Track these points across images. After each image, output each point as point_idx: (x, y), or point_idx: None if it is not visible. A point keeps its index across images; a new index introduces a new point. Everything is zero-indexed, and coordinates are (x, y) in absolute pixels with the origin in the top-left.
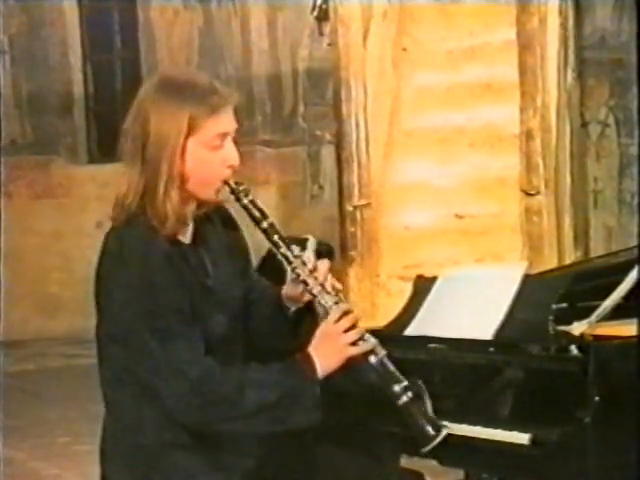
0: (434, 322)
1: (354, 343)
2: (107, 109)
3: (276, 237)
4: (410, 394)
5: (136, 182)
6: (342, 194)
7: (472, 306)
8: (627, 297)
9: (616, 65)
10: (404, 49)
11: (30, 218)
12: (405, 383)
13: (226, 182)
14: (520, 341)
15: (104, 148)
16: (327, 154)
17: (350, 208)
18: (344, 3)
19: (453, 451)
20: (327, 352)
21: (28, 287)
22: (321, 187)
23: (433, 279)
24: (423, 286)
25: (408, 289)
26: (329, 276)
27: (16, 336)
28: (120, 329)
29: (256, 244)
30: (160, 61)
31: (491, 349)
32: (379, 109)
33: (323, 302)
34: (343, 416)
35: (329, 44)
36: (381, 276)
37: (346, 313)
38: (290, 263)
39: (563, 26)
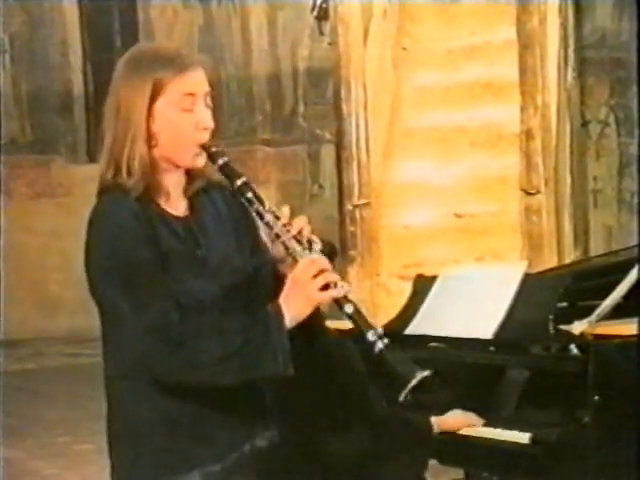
0: (434, 321)
1: (325, 290)
2: None
3: (250, 194)
4: (385, 341)
5: (109, 152)
6: (342, 193)
7: (472, 305)
8: (627, 296)
9: (616, 64)
10: (404, 48)
11: (30, 217)
12: (380, 330)
13: (203, 146)
14: (520, 340)
15: None
16: (327, 153)
17: (350, 207)
18: (344, 2)
19: (453, 450)
20: (296, 299)
21: (28, 286)
22: (321, 186)
23: (433, 278)
24: (423, 285)
25: (408, 288)
26: (306, 229)
27: (16, 335)
28: (94, 291)
29: None
30: None
31: (491, 348)
32: (379, 108)
33: (294, 252)
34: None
35: (329, 43)
36: (381, 275)
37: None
38: (262, 218)
39: (563, 25)
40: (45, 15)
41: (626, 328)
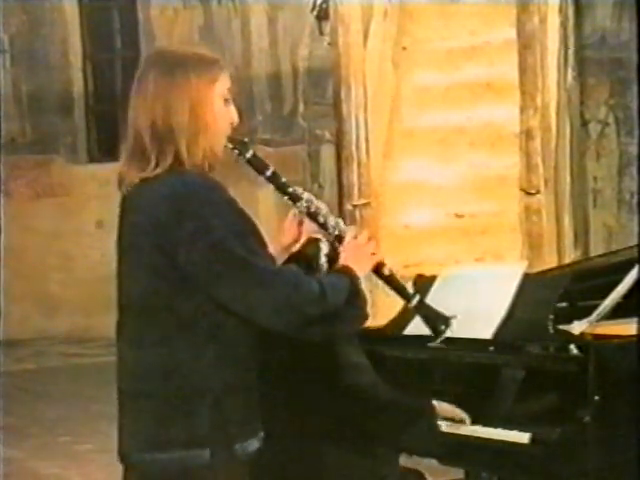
0: None
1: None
2: (107, 108)
3: (282, 180)
4: (418, 296)
5: (171, 141)
6: (342, 193)
7: (472, 305)
8: (627, 296)
9: (616, 64)
10: (404, 48)
11: (30, 217)
12: (412, 288)
13: (231, 138)
14: (520, 340)
15: (104, 147)
16: (327, 153)
17: (350, 207)
18: (344, 2)
19: (453, 450)
20: (359, 260)
21: (28, 286)
22: (321, 186)
23: (433, 278)
24: (423, 285)
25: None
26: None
27: (16, 335)
28: (205, 260)
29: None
30: None
31: (491, 348)
32: (379, 108)
33: (337, 226)
34: None
35: (329, 43)
36: None
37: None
38: (301, 199)
39: (563, 25)
40: (45, 15)
41: (626, 328)
